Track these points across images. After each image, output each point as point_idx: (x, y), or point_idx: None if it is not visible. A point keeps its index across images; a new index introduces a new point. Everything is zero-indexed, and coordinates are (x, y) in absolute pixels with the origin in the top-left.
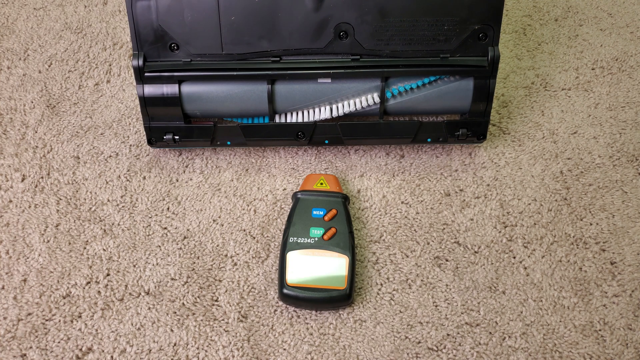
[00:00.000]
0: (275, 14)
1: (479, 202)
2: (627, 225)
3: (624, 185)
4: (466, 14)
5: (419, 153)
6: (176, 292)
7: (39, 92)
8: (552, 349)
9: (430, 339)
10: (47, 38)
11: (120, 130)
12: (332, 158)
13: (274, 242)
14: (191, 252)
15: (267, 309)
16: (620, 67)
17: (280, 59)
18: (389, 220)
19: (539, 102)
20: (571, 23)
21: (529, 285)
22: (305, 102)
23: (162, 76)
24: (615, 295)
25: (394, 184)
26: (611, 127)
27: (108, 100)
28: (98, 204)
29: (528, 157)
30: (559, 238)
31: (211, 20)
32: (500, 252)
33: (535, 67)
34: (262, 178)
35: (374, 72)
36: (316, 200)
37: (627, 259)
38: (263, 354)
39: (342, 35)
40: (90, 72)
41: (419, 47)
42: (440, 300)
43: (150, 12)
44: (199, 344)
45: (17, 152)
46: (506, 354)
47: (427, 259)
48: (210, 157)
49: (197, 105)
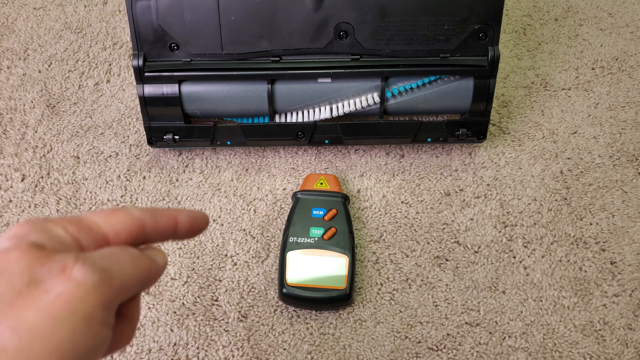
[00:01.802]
0: (275, 14)
1: (479, 201)
2: (627, 225)
3: (624, 185)
4: (466, 13)
5: (419, 153)
6: (176, 291)
7: (39, 92)
8: (552, 348)
9: (430, 338)
10: (47, 38)
11: (120, 130)
12: (332, 158)
13: (273, 242)
14: (191, 252)
15: (267, 308)
16: (620, 67)
17: (280, 58)
18: (389, 220)
19: (539, 102)
20: (571, 23)
21: (529, 285)
22: (305, 102)
23: (162, 76)
24: (615, 295)
25: (394, 184)
26: (611, 127)
27: (108, 100)
28: (98, 203)
29: (528, 157)
30: (559, 238)
31: (211, 20)
32: (500, 252)
33: (535, 67)
34: (262, 178)
35: (374, 72)
36: (316, 200)
37: (627, 258)
38: (263, 354)
39: (342, 35)
40: (90, 72)
41: (419, 47)
42: (440, 300)
43: (150, 12)
44: (199, 344)
45: (17, 152)
46: (506, 353)
47: (427, 258)
48: (210, 157)
49: (197, 105)
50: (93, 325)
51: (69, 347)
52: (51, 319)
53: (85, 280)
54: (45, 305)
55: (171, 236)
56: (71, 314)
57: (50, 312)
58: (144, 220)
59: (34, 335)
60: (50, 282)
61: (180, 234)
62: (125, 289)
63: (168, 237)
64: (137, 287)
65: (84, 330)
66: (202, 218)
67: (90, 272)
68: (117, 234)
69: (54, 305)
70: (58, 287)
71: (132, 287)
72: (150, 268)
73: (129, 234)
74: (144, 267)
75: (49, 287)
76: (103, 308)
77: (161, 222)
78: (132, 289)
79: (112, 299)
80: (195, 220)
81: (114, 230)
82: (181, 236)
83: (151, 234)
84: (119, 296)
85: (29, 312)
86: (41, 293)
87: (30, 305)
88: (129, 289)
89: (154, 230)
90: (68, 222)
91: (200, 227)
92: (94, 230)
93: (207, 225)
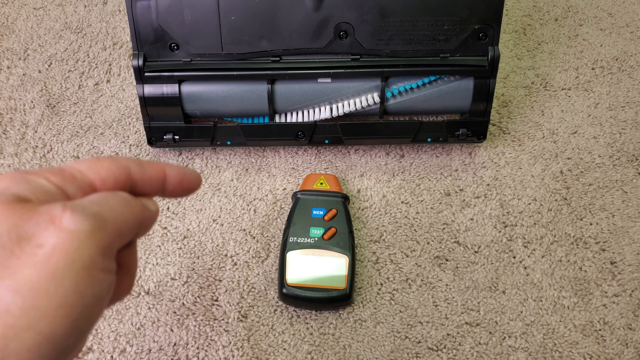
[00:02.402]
0: (275, 14)
1: (479, 201)
2: (627, 225)
3: (624, 185)
4: (466, 13)
5: (419, 153)
6: (176, 291)
7: (39, 92)
8: (552, 348)
9: (430, 338)
10: (47, 38)
11: (120, 130)
12: (332, 158)
13: (273, 242)
14: (191, 251)
15: (267, 308)
16: (620, 67)
17: (280, 58)
18: (389, 220)
19: (539, 102)
20: (571, 23)
21: (529, 285)
22: (305, 102)
23: (162, 76)
24: (615, 295)
25: (394, 184)
26: (611, 127)
27: (108, 100)
28: None
29: (528, 156)
30: (559, 238)
31: (211, 20)
32: (500, 252)
33: (535, 67)
34: (262, 178)
35: (374, 72)
36: (316, 200)
37: (627, 258)
38: (263, 354)
39: (342, 35)
40: (90, 71)
41: (419, 47)
42: (440, 300)
43: (150, 12)
44: (199, 344)
45: (17, 152)
46: (506, 353)
47: (427, 258)
48: (210, 157)
49: (197, 105)
50: (95, 274)
51: (75, 298)
52: (51, 273)
53: (77, 229)
54: (42, 260)
55: (160, 190)
56: (71, 265)
57: (49, 267)
58: (130, 168)
59: (37, 293)
60: (41, 235)
61: (170, 189)
62: (121, 233)
63: (157, 191)
64: (132, 231)
65: (87, 279)
66: (192, 174)
67: (82, 219)
68: (103, 181)
69: (51, 258)
70: (51, 239)
71: (128, 232)
72: (143, 212)
73: (115, 181)
74: (137, 211)
75: (41, 241)
76: (102, 254)
77: (149, 171)
78: (128, 233)
79: (109, 244)
80: (185, 175)
81: (100, 177)
82: (170, 192)
83: (139, 183)
84: (116, 241)
85: (26, 270)
86: (35, 248)
87: (27, 262)
88: (124, 234)
89: (142, 179)
90: (50, 172)
91: (191, 184)
92: (78, 179)
93: (199, 184)
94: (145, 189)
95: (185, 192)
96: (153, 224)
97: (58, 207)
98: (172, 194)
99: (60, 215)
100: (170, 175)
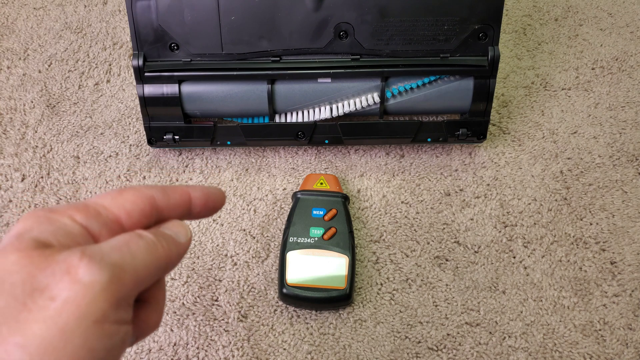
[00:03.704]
0: (275, 14)
1: (479, 201)
2: (627, 225)
3: (624, 185)
4: (466, 13)
5: (419, 153)
6: (176, 291)
7: (39, 92)
8: (552, 348)
9: (431, 338)
10: (47, 38)
11: (120, 130)
12: (332, 158)
13: (273, 242)
14: (191, 251)
15: (267, 308)
16: (620, 67)
17: (280, 58)
18: (389, 220)
19: (539, 102)
20: (571, 23)
21: (529, 285)
22: (305, 102)
23: (162, 76)
24: (615, 295)
25: (394, 184)
26: (611, 127)
27: (108, 100)
28: None
29: (528, 156)
30: (559, 238)
31: (211, 20)
32: (500, 252)
33: (535, 67)
34: (262, 178)
35: (374, 72)
36: (316, 200)
37: (627, 258)
38: (263, 354)
39: (342, 35)
40: (90, 72)
41: (419, 47)
42: (440, 300)
43: (150, 12)
44: (199, 344)
45: (17, 152)
46: (506, 353)
47: (427, 258)
48: (210, 157)
49: (197, 105)
50: (107, 327)
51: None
52: (60, 328)
53: (92, 281)
54: (53, 315)
55: (186, 214)
56: (81, 320)
57: (59, 322)
58: (155, 197)
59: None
60: (55, 287)
61: (196, 212)
62: (140, 281)
63: (183, 216)
64: (154, 275)
65: (98, 334)
66: (216, 193)
67: (98, 271)
68: (129, 215)
69: (61, 313)
70: (64, 292)
71: (149, 277)
72: (169, 252)
73: (141, 213)
74: (161, 253)
75: (54, 293)
76: (116, 307)
77: (173, 198)
78: (149, 278)
79: (125, 295)
80: (210, 196)
81: (125, 211)
82: (197, 214)
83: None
84: (134, 290)
85: (36, 325)
86: (47, 301)
87: (37, 316)
88: (144, 281)
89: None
90: (75, 209)
91: (216, 203)
92: (103, 215)
93: (223, 201)
94: (171, 215)
95: (211, 212)
96: (183, 257)
97: (76, 255)
98: (199, 216)
99: (77, 265)
100: (195, 197)
